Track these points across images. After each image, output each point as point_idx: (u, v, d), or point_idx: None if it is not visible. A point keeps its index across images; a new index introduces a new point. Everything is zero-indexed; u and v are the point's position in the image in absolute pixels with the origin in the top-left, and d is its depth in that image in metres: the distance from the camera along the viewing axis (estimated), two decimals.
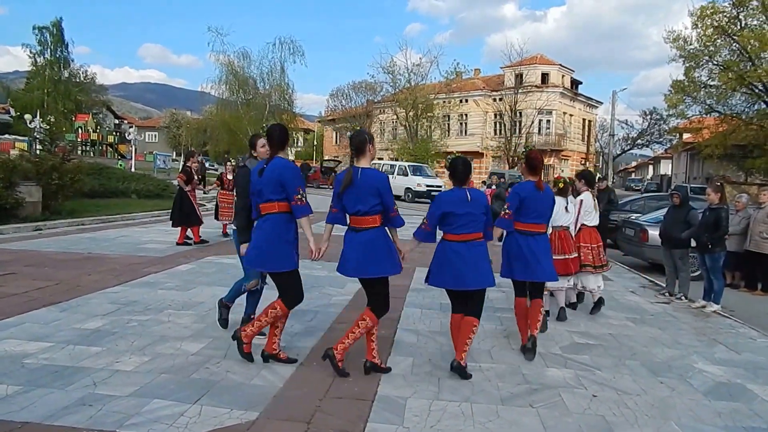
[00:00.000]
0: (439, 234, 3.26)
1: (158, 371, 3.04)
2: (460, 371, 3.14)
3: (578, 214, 4.89)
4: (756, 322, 5.04)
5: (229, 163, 9.55)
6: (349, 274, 3.05)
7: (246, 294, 3.81)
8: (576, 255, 4.71)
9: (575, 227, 4.87)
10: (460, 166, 3.25)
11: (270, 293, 3.67)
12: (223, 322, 3.86)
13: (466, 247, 3.13)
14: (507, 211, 3.56)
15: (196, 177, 8.24)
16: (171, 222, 7.99)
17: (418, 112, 32.50)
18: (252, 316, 3.71)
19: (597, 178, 7.86)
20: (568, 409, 2.83)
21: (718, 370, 3.58)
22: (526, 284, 3.72)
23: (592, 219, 5.00)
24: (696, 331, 4.60)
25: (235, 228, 3.67)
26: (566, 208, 4.63)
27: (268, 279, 3.54)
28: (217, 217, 8.91)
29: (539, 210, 3.59)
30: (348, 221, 3.10)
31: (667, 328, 4.65)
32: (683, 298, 5.80)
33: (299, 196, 3.03)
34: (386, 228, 3.10)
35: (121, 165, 25.92)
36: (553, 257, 4.22)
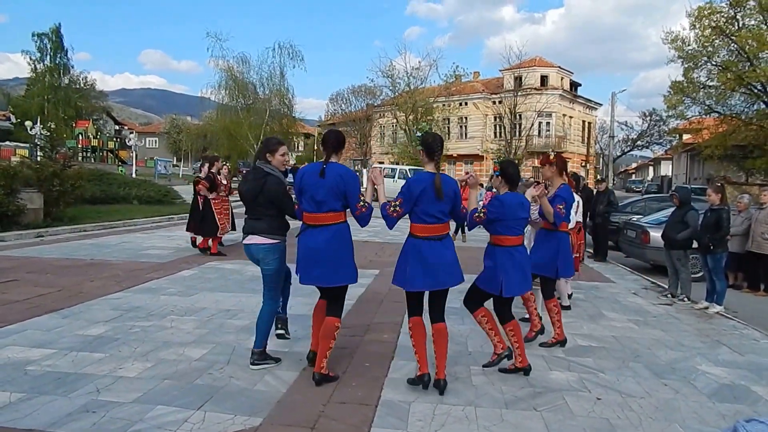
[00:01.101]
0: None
1: (161, 377, 3.04)
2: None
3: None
4: (759, 323, 5.03)
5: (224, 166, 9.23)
6: (450, 284, 2.93)
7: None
8: (576, 256, 4.85)
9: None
10: (512, 169, 3.24)
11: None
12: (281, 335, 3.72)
13: (523, 250, 3.22)
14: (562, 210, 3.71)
15: (225, 184, 7.75)
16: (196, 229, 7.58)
17: (417, 116, 32.57)
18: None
19: (597, 179, 7.92)
20: (572, 413, 2.82)
21: (722, 372, 3.58)
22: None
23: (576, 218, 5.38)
24: (699, 333, 4.59)
25: (275, 242, 3.21)
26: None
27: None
28: None
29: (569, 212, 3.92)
30: (415, 230, 2.92)
31: (670, 329, 4.64)
32: (686, 299, 5.79)
33: (361, 204, 2.92)
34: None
35: (121, 170, 25.87)
36: None
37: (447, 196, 2.89)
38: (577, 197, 5.39)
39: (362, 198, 2.94)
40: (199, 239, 7.71)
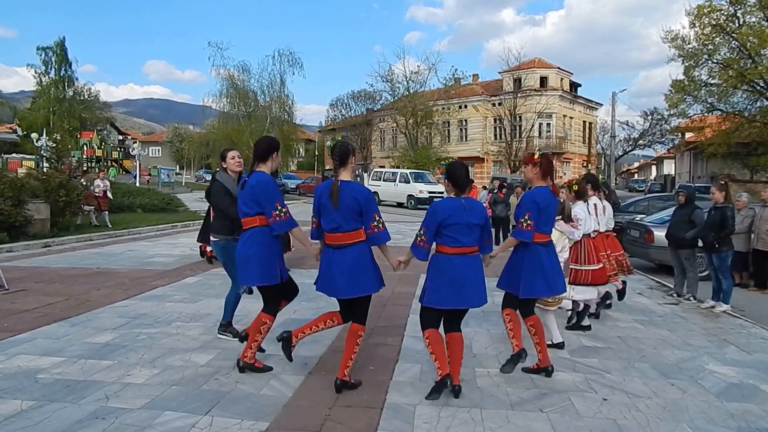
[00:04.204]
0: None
1: (169, 383, 3.07)
2: (459, 391, 2.92)
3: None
4: (767, 322, 4.99)
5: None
6: (338, 295, 2.96)
7: (226, 302, 3.94)
8: (603, 265, 4.40)
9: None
10: (462, 172, 2.95)
11: (250, 305, 3.61)
12: (241, 337, 3.73)
13: (469, 261, 2.88)
14: (529, 221, 3.12)
15: None
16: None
17: (417, 120, 32.69)
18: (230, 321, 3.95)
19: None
20: (579, 414, 2.82)
21: (730, 371, 3.56)
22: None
23: (601, 225, 4.75)
24: (706, 332, 4.56)
25: (215, 240, 3.78)
26: (588, 211, 4.31)
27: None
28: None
29: (552, 219, 3.27)
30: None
31: (676, 329, 4.62)
32: (692, 298, 5.76)
33: (277, 212, 2.97)
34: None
35: (111, 171, 25.92)
36: (585, 268, 4.18)
37: (344, 205, 2.79)
38: (604, 203, 4.86)
39: (279, 207, 2.99)
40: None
